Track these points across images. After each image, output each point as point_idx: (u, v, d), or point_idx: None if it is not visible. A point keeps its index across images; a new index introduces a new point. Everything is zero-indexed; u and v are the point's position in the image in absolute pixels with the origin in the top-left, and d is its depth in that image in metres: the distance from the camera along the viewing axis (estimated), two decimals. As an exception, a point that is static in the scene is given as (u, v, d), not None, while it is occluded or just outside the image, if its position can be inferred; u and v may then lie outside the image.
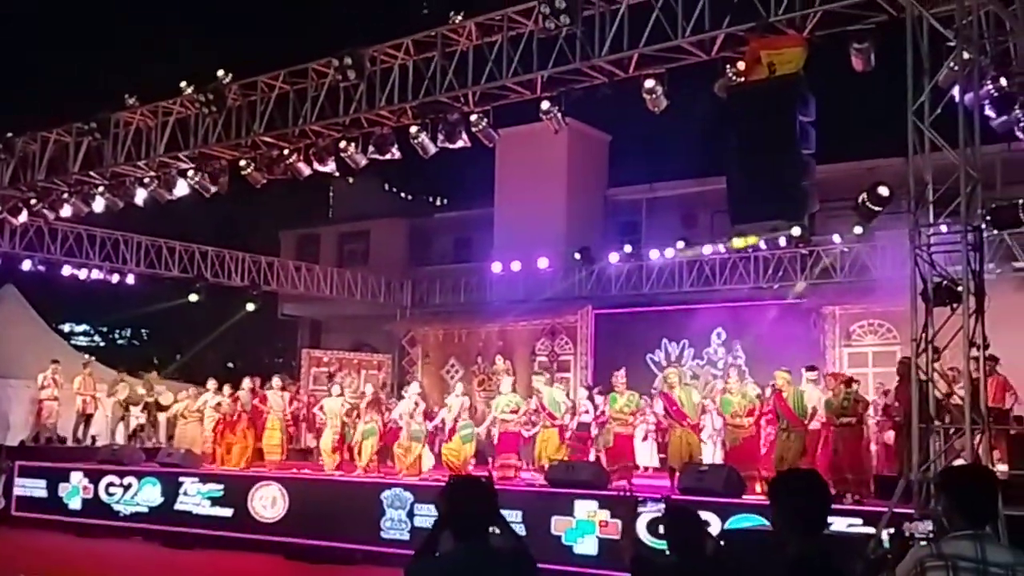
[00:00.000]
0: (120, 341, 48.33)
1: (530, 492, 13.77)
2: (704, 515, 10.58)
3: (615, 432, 15.14)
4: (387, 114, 14.90)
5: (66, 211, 18.59)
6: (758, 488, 12.85)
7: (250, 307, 25.45)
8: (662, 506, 5.26)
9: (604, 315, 24.01)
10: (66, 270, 22.89)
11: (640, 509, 5.08)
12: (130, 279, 24.02)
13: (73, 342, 39.66)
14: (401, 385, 22.76)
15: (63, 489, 17.80)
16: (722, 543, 7.97)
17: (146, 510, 16.79)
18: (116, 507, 17.17)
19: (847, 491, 12.27)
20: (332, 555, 14.18)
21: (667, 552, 5.05)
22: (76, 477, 17.72)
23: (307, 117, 15.23)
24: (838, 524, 10.28)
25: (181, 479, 16.50)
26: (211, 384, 18.91)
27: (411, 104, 14.48)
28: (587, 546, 12.44)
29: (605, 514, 12.32)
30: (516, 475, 15.43)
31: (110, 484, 17.35)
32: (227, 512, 15.75)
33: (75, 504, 17.63)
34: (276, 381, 18.67)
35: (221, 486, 16.00)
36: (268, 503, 15.33)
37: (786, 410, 13.54)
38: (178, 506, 16.36)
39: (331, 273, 27.96)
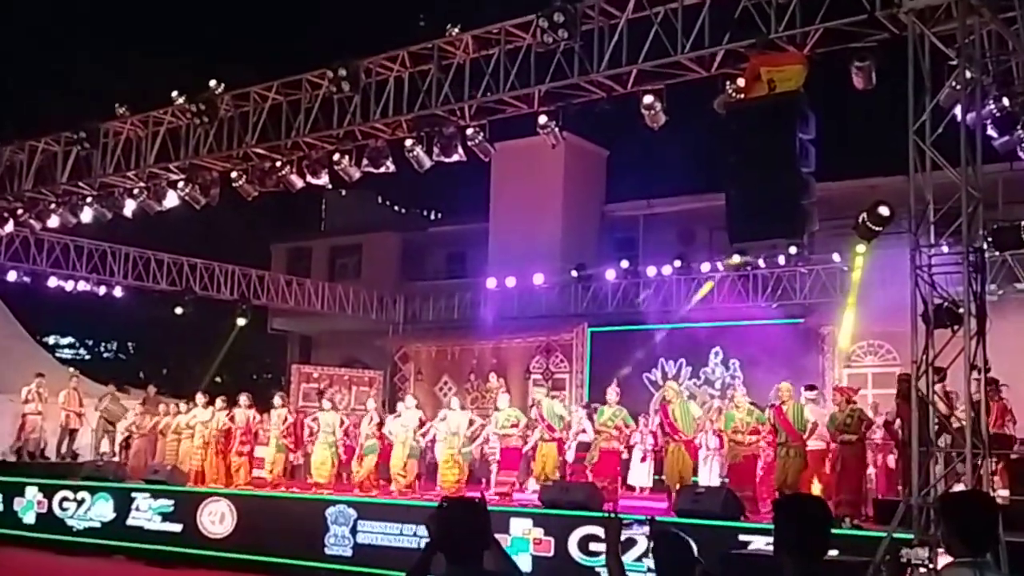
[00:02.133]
0: (106, 355, 48.28)
1: None
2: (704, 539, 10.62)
3: (600, 447, 15.15)
4: (382, 127, 14.93)
5: (53, 222, 18.57)
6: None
7: (239, 321, 25.40)
8: (647, 529, 5.24)
9: (600, 333, 24.02)
10: (52, 281, 22.86)
11: (625, 531, 5.06)
12: (117, 291, 23.98)
13: (58, 355, 39.51)
14: (393, 402, 22.72)
15: (18, 503, 17.79)
16: (710, 566, 7.96)
17: (99, 525, 16.86)
18: (70, 522, 17.19)
19: (846, 515, 12.26)
20: (276, 572, 14.27)
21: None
22: (31, 492, 17.72)
23: (300, 129, 15.25)
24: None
25: (134, 494, 16.63)
26: (200, 399, 18.86)
27: (406, 117, 14.51)
28: (522, 564, 12.31)
29: (539, 532, 12.52)
30: (510, 494, 15.28)
31: (64, 499, 17.34)
32: (177, 528, 15.91)
33: (29, 519, 17.62)
34: (277, 400, 18.66)
35: (172, 501, 16.15)
36: (217, 519, 15.46)
37: (785, 424, 13.55)
38: (130, 521, 16.48)
39: (322, 287, 27.94)
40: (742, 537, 11.24)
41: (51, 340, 42.99)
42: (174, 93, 15.97)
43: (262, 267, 28.53)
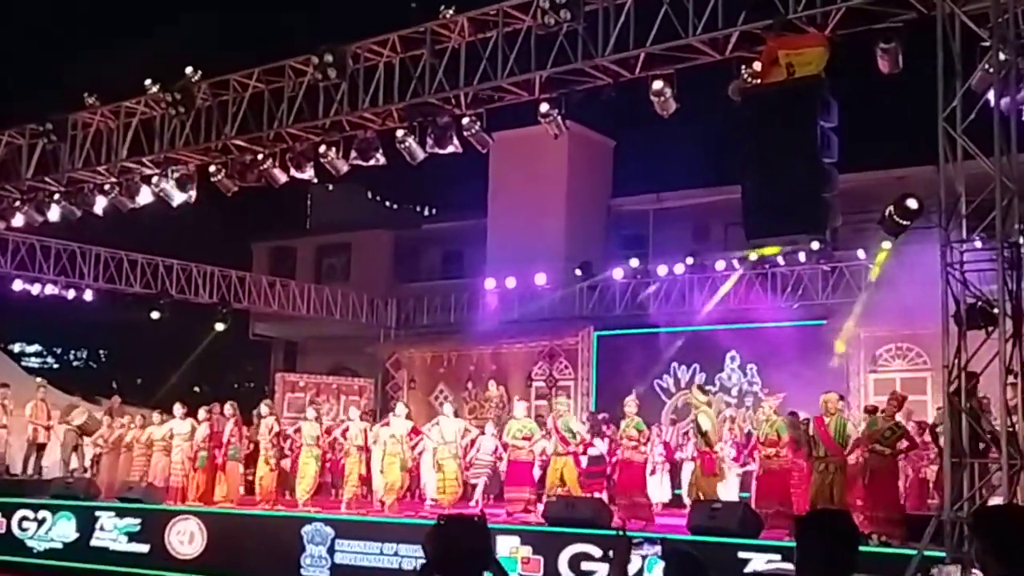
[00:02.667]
0: (76, 363, 48.28)
1: None
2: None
3: (618, 461, 15.15)
4: (371, 116, 14.94)
5: (18, 220, 18.57)
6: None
7: (219, 326, 25.40)
8: (658, 548, 5.25)
9: (607, 337, 24.02)
10: (17, 285, 22.85)
11: (634, 550, 5.06)
12: (87, 295, 23.97)
13: (24, 364, 39.56)
14: (386, 413, 22.73)
15: (-24, 525, 17.75)
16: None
17: (61, 546, 16.79)
18: (30, 543, 17.10)
19: (883, 532, 12.19)
20: None
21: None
22: (-11, 512, 17.71)
23: (283, 119, 15.27)
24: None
25: (98, 513, 16.59)
26: (178, 410, 18.84)
27: (397, 106, 14.52)
28: None
29: (528, 550, 12.59)
30: (528, 511, 15.12)
31: (23, 519, 17.25)
32: (144, 548, 15.90)
33: None
34: (264, 408, 18.66)
35: (139, 520, 16.12)
36: (186, 538, 15.49)
37: (826, 437, 13.43)
38: (94, 542, 16.44)
39: (308, 290, 27.94)
40: (741, 554, 11.25)
41: (16, 348, 42.98)
42: (147, 81, 15.98)
43: (243, 268, 28.52)
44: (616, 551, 5.04)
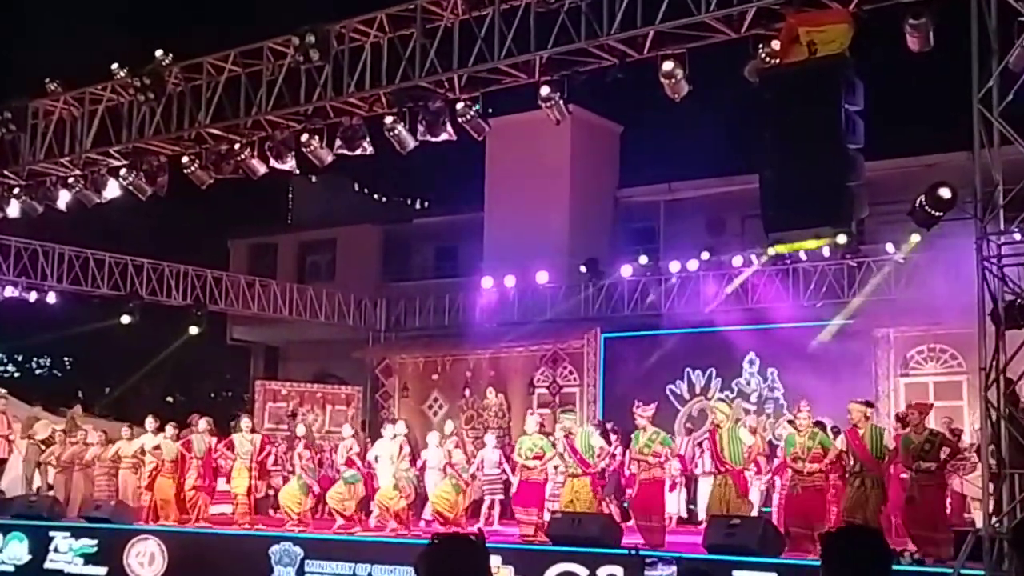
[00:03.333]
0: (39, 371, 48.25)
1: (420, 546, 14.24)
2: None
3: (640, 479, 15.01)
4: (357, 102, 14.95)
5: (-25, 217, 18.60)
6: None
7: (193, 330, 25.40)
8: (673, 569, 5.28)
9: (615, 339, 24.03)
10: (-26, 287, 22.87)
11: (648, 571, 5.10)
12: (51, 297, 23.97)
13: (-18, 372, 39.62)
14: (375, 423, 22.76)
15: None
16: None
17: (12, 569, 16.93)
18: None
19: (925, 552, 12.15)
20: None
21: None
22: (-62, 532, 17.80)
23: (262, 105, 15.27)
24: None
25: (52, 533, 16.75)
26: (150, 423, 18.82)
27: (385, 90, 14.54)
28: None
29: (509, 571, 12.75)
30: (538, 536, 15.05)
31: None
32: (101, 571, 16.12)
33: None
34: (245, 422, 18.66)
35: (95, 541, 16.30)
36: (146, 560, 15.70)
37: (861, 449, 13.36)
38: (48, 564, 16.63)
39: (290, 290, 27.94)
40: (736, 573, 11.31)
41: (-26, 355, 43.08)
42: (114, 66, 15.99)
43: (219, 267, 28.52)
44: (627, 571, 5.07)
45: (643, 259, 23.96)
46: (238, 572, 14.84)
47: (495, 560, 12.84)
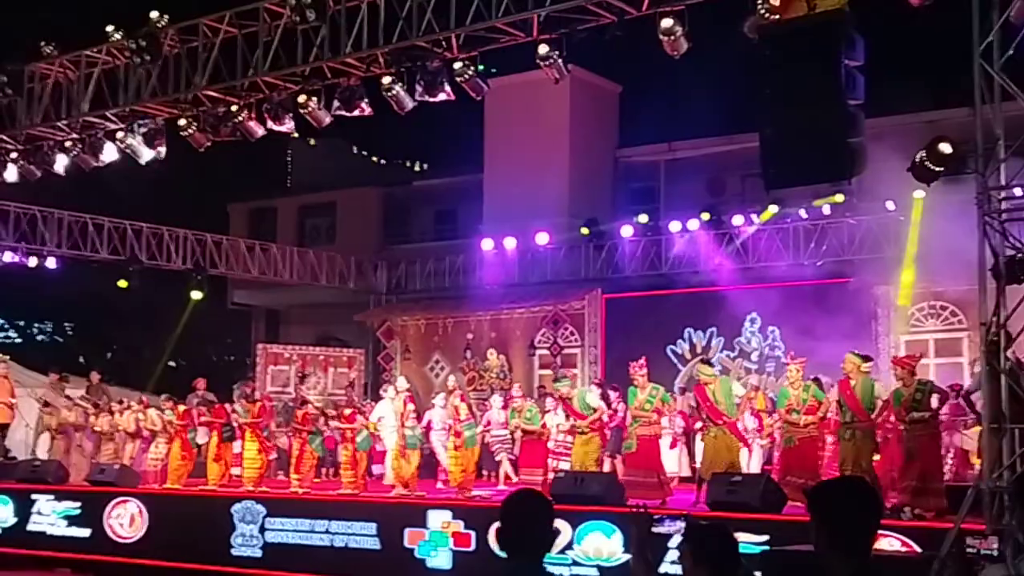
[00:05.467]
0: (40, 337, 48.29)
1: (383, 501, 15.19)
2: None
3: (637, 434, 15.10)
4: (354, 62, 14.87)
5: (-28, 182, 18.56)
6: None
7: (195, 295, 25.43)
8: (681, 524, 5.28)
9: (616, 300, 24.06)
10: (-26, 253, 22.88)
11: (655, 528, 5.11)
12: (51, 263, 23.96)
13: (-16, 339, 39.69)
14: (377, 385, 22.82)
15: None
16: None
17: None
18: None
19: (917, 505, 12.22)
20: None
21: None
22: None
23: (258, 66, 15.20)
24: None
25: (34, 496, 17.09)
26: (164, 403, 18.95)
27: (383, 50, 14.46)
28: (441, 560, 13.41)
29: (459, 525, 13.29)
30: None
31: None
32: (84, 532, 16.51)
33: None
34: (240, 390, 18.72)
35: (78, 504, 16.66)
36: (126, 521, 16.09)
37: (852, 401, 13.43)
38: (31, 527, 16.98)
39: (290, 253, 27.95)
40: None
41: (-24, 322, 43.14)
42: (109, 28, 15.90)
43: (219, 231, 28.49)
44: (634, 529, 5.08)
45: (643, 219, 23.94)
46: (207, 530, 15.34)
47: (446, 515, 13.53)
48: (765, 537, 11.19)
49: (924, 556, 9.78)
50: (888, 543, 10.48)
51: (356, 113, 15.25)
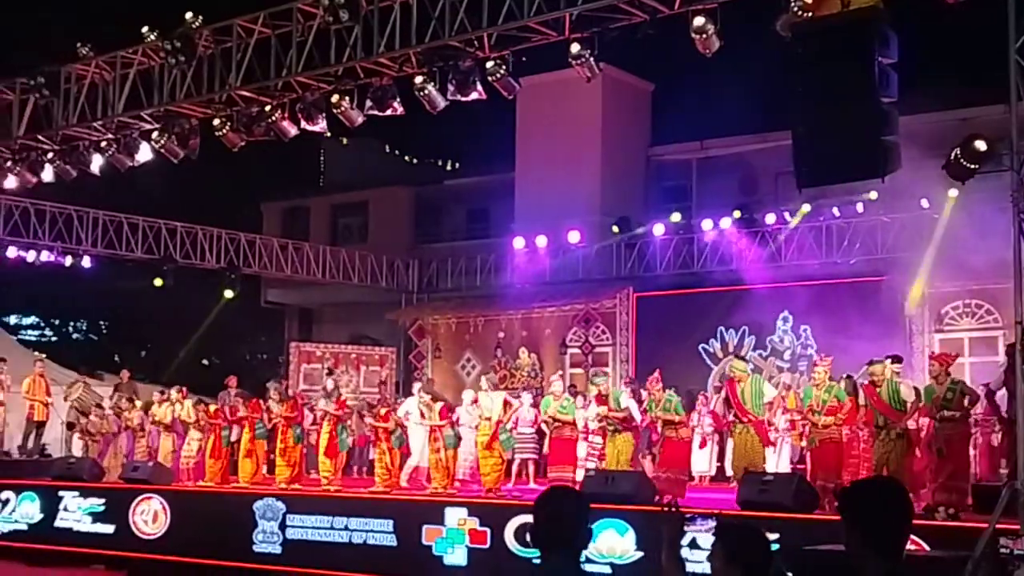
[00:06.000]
0: (76, 335, 48.76)
1: (401, 499, 15.31)
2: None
3: (665, 435, 15.20)
4: (387, 62, 14.92)
5: (10, 182, 18.73)
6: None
7: (228, 294, 25.60)
8: (713, 523, 5.28)
9: (648, 298, 24.03)
10: (11, 252, 23.10)
11: (687, 527, 5.11)
12: (86, 262, 24.20)
13: (21, 337, 40.06)
14: (408, 383, 22.89)
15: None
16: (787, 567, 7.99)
17: (25, 527, 17.62)
18: None
19: (946, 504, 12.16)
20: (205, 574, 15.36)
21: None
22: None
23: (292, 67, 15.27)
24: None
25: (61, 493, 17.32)
26: (174, 393, 19.05)
27: (415, 49, 14.49)
28: (457, 556, 13.50)
29: (475, 522, 13.40)
30: None
31: None
32: (108, 528, 16.72)
33: None
34: (275, 393, 18.76)
35: (103, 500, 16.88)
36: (149, 518, 16.29)
37: (880, 405, 13.40)
38: (58, 523, 17.21)
39: (323, 252, 28.09)
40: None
41: (12, 320, 43.53)
42: (144, 29, 16.01)
43: (252, 230, 28.70)
44: (666, 527, 5.08)
45: (675, 217, 23.92)
46: (229, 527, 15.51)
47: (462, 512, 13.62)
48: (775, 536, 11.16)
49: (957, 557, 9.72)
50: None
51: (388, 112, 15.29)
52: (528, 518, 12.52)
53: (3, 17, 36.20)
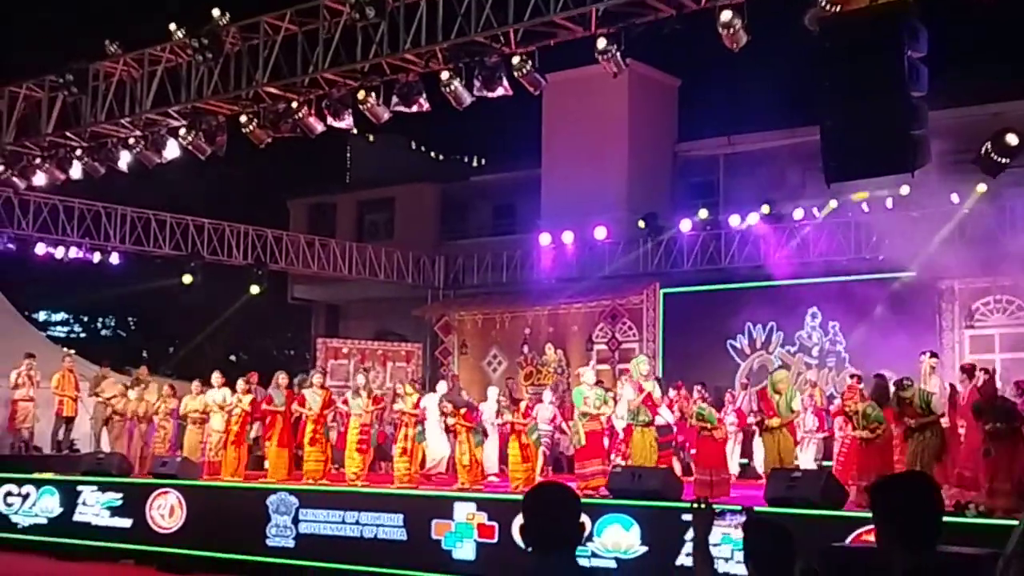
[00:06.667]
0: (104, 331, 49.09)
1: (411, 494, 15.51)
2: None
3: (701, 435, 15.29)
4: (413, 58, 14.94)
5: (39, 179, 18.87)
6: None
7: (255, 290, 25.70)
8: (743, 519, 5.28)
9: (675, 295, 23.97)
10: (40, 248, 23.30)
11: (717, 522, 5.11)
12: (114, 258, 24.36)
13: (50, 333, 40.42)
14: (434, 379, 22.92)
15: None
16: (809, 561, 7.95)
17: (45, 521, 17.79)
18: (15, 519, 18.13)
19: (1001, 506, 12.06)
20: (221, 567, 15.49)
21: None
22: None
23: (319, 63, 15.31)
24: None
25: (80, 488, 17.49)
26: (216, 378, 19.10)
27: (441, 46, 14.50)
28: (466, 551, 13.60)
29: (483, 516, 13.50)
30: (600, 490, 14.83)
31: (8, 494, 18.22)
32: (126, 523, 16.85)
33: None
34: (317, 378, 18.87)
35: (120, 495, 17.04)
36: (166, 512, 16.43)
37: (912, 413, 13.45)
38: (77, 517, 17.37)
39: (349, 249, 28.17)
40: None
41: (42, 316, 43.87)
42: (172, 26, 16.09)
43: (279, 227, 28.82)
44: (697, 524, 5.08)
45: (703, 213, 23.86)
46: (243, 521, 15.67)
47: (471, 507, 13.73)
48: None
49: (989, 554, 9.65)
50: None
51: (415, 109, 15.30)
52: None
53: (31, 15, 36.51)
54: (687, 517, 4.92)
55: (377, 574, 14.08)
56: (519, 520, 13.03)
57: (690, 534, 10.49)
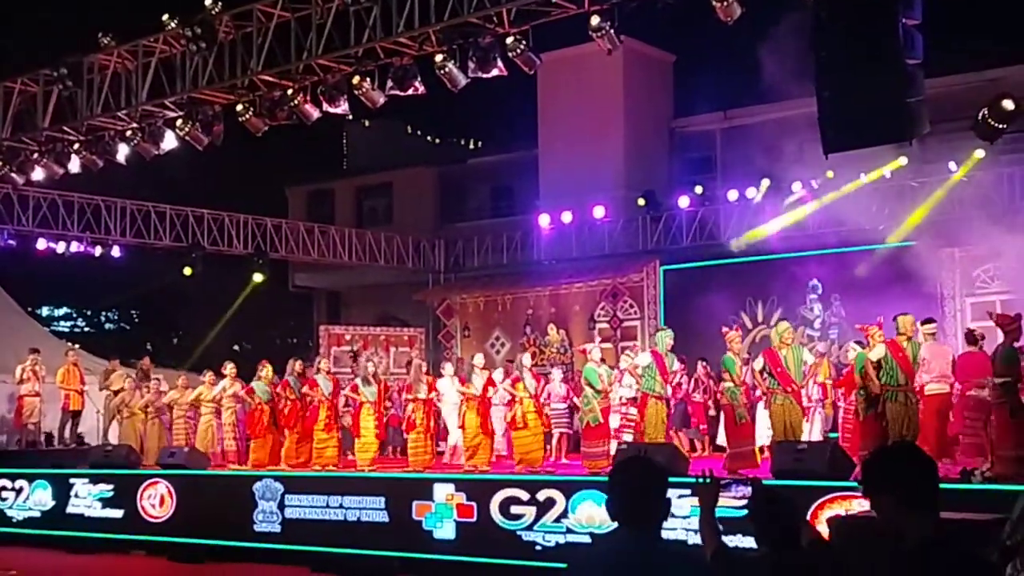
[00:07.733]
0: (108, 325, 49.14)
1: (392, 477, 15.79)
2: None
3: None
4: (407, 41, 14.89)
5: (37, 174, 18.83)
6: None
7: (257, 278, 25.70)
8: (749, 490, 5.29)
9: (675, 271, 23.94)
10: (41, 243, 23.30)
11: (723, 494, 5.12)
12: (115, 251, 24.35)
13: (54, 328, 40.41)
14: (437, 363, 22.91)
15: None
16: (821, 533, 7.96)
17: (38, 515, 18.05)
18: (9, 513, 18.39)
19: (996, 471, 12.04)
20: (213, 554, 15.79)
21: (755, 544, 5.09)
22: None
23: (312, 49, 15.27)
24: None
25: (72, 480, 17.73)
26: (229, 369, 19.11)
27: (435, 28, 14.44)
28: (446, 530, 13.81)
29: (462, 496, 13.71)
30: (605, 469, 14.84)
31: (2, 488, 18.49)
32: (117, 513, 17.12)
33: None
34: (324, 363, 18.89)
35: (111, 486, 17.28)
36: (156, 502, 16.66)
37: (904, 363, 13.30)
38: (70, 509, 17.63)
39: (349, 235, 28.15)
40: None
41: (45, 311, 43.91)
42: (165, 16, 16.04)
43: (278, 215, 28.81)
44: (703, 496, 5.09)
45: (700, 189, 23.81)
46: (231, 508, 15.91)
47: (449, 488, 13.89)
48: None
49: (994, 519, 9.65)
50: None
51: (410, 92, 15.25)
52: (511, 492, 13.15)
53: (23, 9, 36.40)
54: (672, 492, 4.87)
55: (361, 556, 14.24)
56: (498, 498, 13.30)
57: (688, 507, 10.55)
